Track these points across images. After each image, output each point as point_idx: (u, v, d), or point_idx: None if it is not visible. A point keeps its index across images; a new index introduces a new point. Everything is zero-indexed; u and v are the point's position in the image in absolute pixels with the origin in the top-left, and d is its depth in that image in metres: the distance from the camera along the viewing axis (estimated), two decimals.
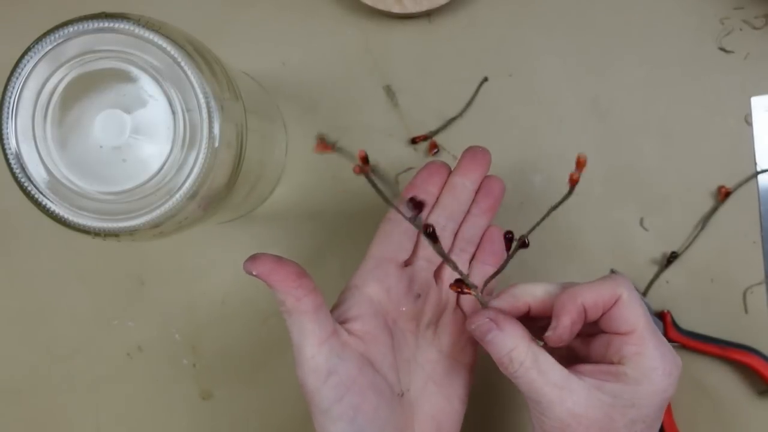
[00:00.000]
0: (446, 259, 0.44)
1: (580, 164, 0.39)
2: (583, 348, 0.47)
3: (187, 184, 0.43)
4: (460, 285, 0.46)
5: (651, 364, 0.43)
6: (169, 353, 0.65)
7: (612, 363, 0.44)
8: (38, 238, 0.65)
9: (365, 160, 0.38)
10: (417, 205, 0.39)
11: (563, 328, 0.43)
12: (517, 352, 0.43)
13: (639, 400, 0.43)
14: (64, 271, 0.66)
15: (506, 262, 0.45)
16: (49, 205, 0.43)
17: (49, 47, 0.42)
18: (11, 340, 0.66)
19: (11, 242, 0.66)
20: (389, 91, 0.64)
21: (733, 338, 0.61)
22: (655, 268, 0.62)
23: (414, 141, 0.63)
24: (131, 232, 0.43)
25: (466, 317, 0.50)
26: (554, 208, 0.42)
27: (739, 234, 0.62)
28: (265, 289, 0.65)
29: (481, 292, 0.47)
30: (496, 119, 0.63)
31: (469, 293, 0.46)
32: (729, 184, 0.61)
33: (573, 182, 0.40)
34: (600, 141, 0.63)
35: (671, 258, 0.62)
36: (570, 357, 0.47)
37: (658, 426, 0.44)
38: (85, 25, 0.42)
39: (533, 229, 0.43)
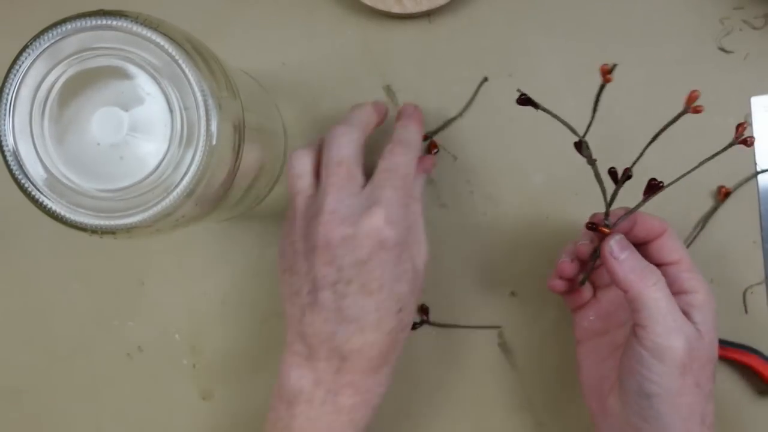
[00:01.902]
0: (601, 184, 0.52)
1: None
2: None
3: (184, 182, 0.43)
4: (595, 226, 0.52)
5: (706, 295, 0.48)
6: (169, 353, 0.65)
7: (679, 294, 0.48)
8: (38, 238, 0.65)
9: None
10: None
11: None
12: (651, 268, 0.48)
13: (708, 320, 0.47)
14: (64, 271, 0.66)
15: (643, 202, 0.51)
16: (47, 202, 0.43)
17: (47, 44, 0.42)
18: (11, 340, 0.66)
19: (11, 242, 0.66)
20: (389, 91, 0.64)
21: (733, 338, 0.61)
22: None
23: None
24: (128, 229, 0.43)
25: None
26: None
27: (739, 234, 0.62)
28: (265, 289, 0.65)
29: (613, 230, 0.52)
30: (496, 119, 0.63)
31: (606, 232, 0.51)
32: (729, 184, 0.61)
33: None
34: (600, 141, 0.63)
35: None
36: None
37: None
38: (83, 23, 0.42)
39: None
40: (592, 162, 0.51)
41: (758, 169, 0.62)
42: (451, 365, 0.64)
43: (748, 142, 0.47)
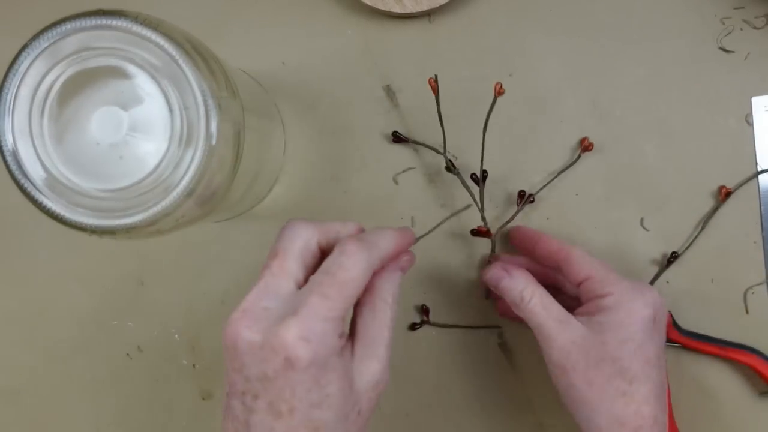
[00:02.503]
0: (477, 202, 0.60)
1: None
2: (574, 302, 0.55)
3: (183, 182, 0.43)
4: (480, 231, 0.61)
5: (620, 294, 0.51)
6: (168, 353, 0.65)
7: (592, 299, 0.53)
8: (38, 239, 0.65)
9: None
10: None
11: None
12: (527, 291, 0.53)
13: (622, 321, 0.50)
14: (64, 271, 0.66)
15: (516, 212, 0.62)
16: (46, 202, 0.43)
17: (47, 44, 0.42)
18: (11, 340, 0.66)
19: (11, 242, 0.66)
20: (389, 91, 0.64)
21: (734, 338, 0.61)
22: (655, 268, 0.62)
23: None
24: (128, 229, 0.43)
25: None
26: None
27: (740, 234, 0.62)
28: None
29: (495, 236, 0.61)
30: (496, 119, 0.63)
31: (490, 236, 0.60)
32: (730, 184, 0.61)
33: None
34: (600, 141, 0.63)
35: (671, 258, 0.61)
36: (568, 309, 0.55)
37: (653, 349, 0.51)
38: (83, 22, 0.42)
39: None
40: (457, 173, 0.61)
41: (759, 169, 0.62)
42: (451, 365, 0.64)
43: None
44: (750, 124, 0.62)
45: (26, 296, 0.66)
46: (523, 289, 0.53)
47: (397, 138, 0.63)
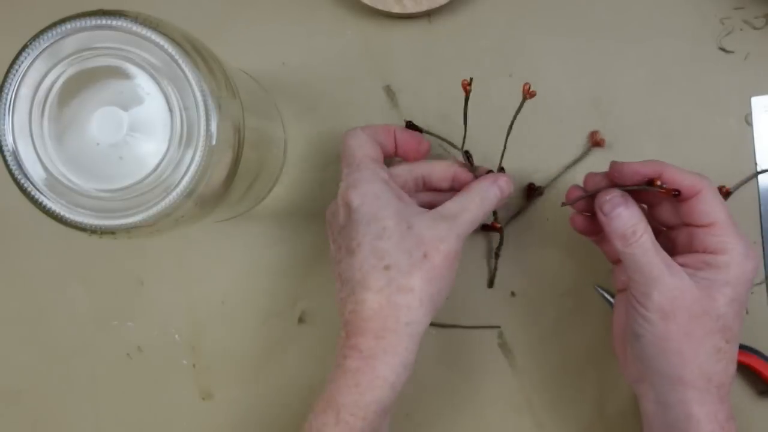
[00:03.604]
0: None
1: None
2: (668, 243, 0.53)
3: (183, 182, 0.43)
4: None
5: (737, 250, 0.49)
6: (168, 353, 0.65)
7: (698, 252, 0.50)
8: (38, 239, 0.65)
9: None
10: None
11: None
12: (639, 226, 0.50)
13: (732, 280, 0.49)
14: (63, 271, 0.66)
15: (526, 206, 0.61)
16: (46, 202, 0.43)
17: (47, 44, 0.42)
18: (11, 340, 0.66)
19: (11, 242, 0.66)
20: (389, 91, 0.64)
21: None
22: None
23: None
24: (128, 229, 0.43)
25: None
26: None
27: None
28: (265, 289, 0.65)
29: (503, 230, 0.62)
30: (496, 119, 0.63)
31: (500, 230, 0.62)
32: (729, 184, 0.61)
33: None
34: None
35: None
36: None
37: (746, 304, 0.52)
38: (83, 22, 0.42)
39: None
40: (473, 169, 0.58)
41: (758, 169, 0.62)
42: (451, 365, 0.64)
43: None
44: (749, 124, 0.62)
45: (26, 296, 0.66)
46: (636, 223, 0.50)
47: (411, 126, 0.59)
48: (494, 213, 0.61)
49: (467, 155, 0.58)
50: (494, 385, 0.64)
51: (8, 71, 0.42)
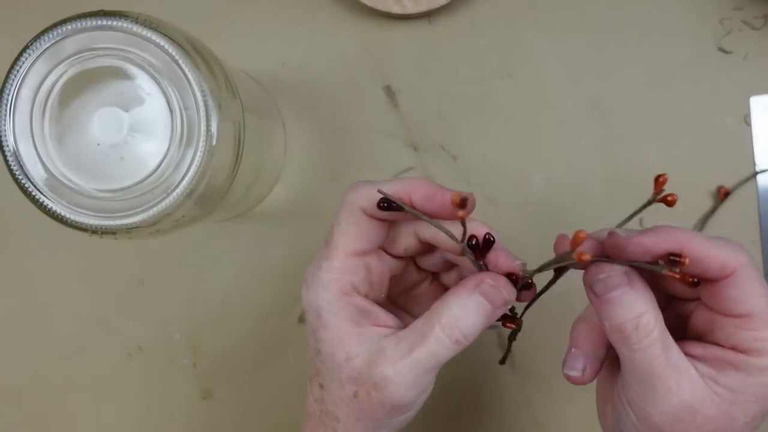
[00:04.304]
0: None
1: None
2: (676, 318, 0.42)
3: (184, 182, 0.43)
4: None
5: None
6: (169, 353, 0.65)
7: (722, 347, 0.38)
8: (38, 238, 0.65)
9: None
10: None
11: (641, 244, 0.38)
12: (647, 318, 0.37)
13: (762, 393, 0.37)
14: (64, 271, 0.66)
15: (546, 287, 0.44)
16: (47, 203, 0.43)
17: (48, 44, 0.42)
18: (11, 340, 0.66)
19: (11, 242, 0.66)
20: (389, 91, 0.64)
21: None
22: None
23: None
24: (128, 229, 0.43)
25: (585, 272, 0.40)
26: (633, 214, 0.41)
27: (739, 234, 0.62)
28: (265, 289, 0.65)
29: (521, 316, 0.46)
30: (496, 119, 0.63)
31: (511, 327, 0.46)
32: (728, 184, 0.61)
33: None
34: (600, 141, 0.63)
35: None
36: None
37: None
38: (84, 23, 0.42)
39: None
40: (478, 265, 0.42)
41: (757, 169, 0.62)
42: (450, 365, 0.64)
43: (670, 201, 0.40)
44: (748, 124, 0.62)
45: (26, 296, 0.66)
46: (642, 315, 0.37)
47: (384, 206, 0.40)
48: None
49: (471, 243, 0.41)
50: (494, 385, 0.64)
51: (9, 72, 0.42)
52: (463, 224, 0.39)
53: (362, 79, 0.64)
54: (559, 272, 0.42)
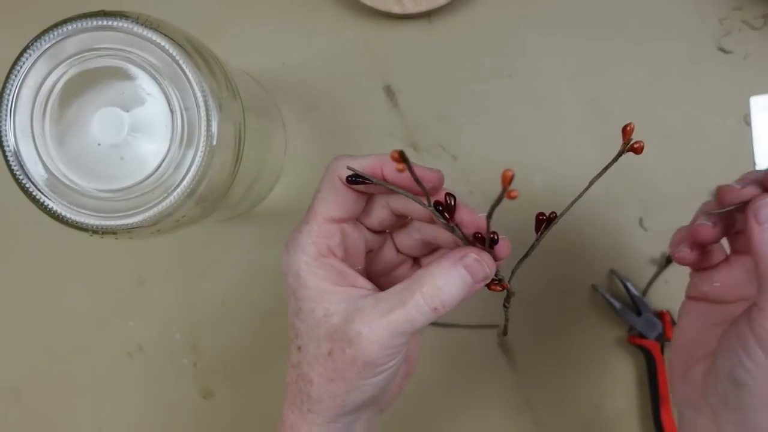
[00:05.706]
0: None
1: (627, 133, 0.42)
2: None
3: (184, 182, 0.43)
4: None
5: None
6: (169, 352, 0.65)
7: None
8: (38, 238, 0.65)
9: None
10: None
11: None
12: None
13: None
14: (64, 271, 0.66)
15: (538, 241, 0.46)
16: (48, 203, 0.43)
17: (48, 45, 0.42)
18: (11, 340, 0.66)
19: (11, 242, 0.66)
20: (389, 91, 0.64)
21: None
22: (654, 268, 0.62)
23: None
24: (129, 229, 0.43)
25: None
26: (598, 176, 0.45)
27: None
28: (265, 289, 0.65)
29: (509, 280, 0.47)
30: (496, 119, 0.63)
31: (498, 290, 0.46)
32: None
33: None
34: (600, 141, 0.63)
35: (671, 258, 0.61)
36: None
37: None
38: (84, 23, 0.42)
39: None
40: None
41: (757, 169, 0.62)
42: (451, 365, 0.64)
43: (636, 148, 0.43)
44: (748, 124, 0.62)
45: (27, 296, 0.66)
46: None
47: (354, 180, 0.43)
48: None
49: (439, 208, 0.43)
50: (494, 385, 0.64)
51: (10, 72, 0.42)
52: (425, 191, 0.41)
53: (362, 79, 0.64)
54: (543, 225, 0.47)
